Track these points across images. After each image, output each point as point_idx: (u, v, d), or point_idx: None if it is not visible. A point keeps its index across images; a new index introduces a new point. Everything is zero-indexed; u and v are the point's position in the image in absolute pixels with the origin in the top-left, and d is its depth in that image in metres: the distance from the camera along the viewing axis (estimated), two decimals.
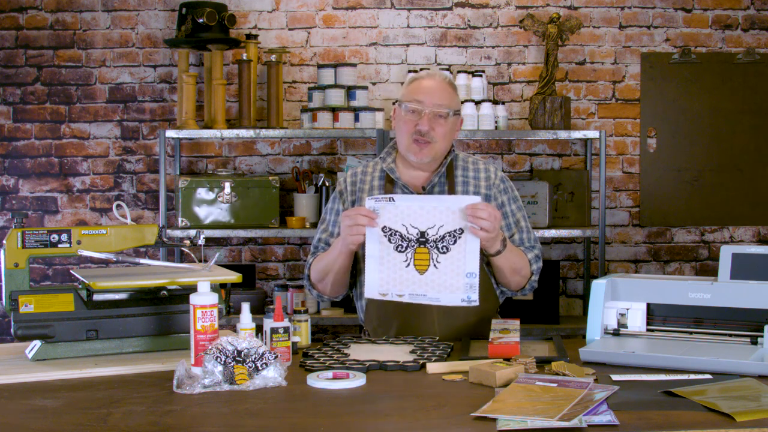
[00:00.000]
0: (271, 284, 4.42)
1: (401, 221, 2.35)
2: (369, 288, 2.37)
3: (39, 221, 4.39)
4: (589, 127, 4.42)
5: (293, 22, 4.40)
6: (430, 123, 2.52)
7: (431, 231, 2.34)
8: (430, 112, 2.52)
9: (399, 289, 2.35)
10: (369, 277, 2.37)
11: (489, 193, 2.61)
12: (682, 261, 4.46)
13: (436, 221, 2.35)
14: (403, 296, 2.35)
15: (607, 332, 2.29)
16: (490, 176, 2.64)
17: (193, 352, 1.98)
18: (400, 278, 2.35)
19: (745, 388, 1.85)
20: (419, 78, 2.59)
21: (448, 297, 2.34)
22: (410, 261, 2.35)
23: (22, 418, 1.73)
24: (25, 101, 4.39)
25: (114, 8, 4.39)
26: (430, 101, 2.53)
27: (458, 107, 2.61)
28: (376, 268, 2.35)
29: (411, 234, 2.35)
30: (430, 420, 1.68)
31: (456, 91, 2.62)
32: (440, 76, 2.61)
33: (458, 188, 2.60)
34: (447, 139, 2.57)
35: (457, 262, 2.34)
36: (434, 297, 2.35)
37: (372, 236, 2.36)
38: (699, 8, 4.43)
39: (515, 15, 4.39)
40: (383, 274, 2.36)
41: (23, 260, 2.18)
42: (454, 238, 2.34)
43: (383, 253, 2.35)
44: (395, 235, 2.35)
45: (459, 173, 2.63)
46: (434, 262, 2.34)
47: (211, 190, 4.03)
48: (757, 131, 4.43)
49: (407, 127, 2.54)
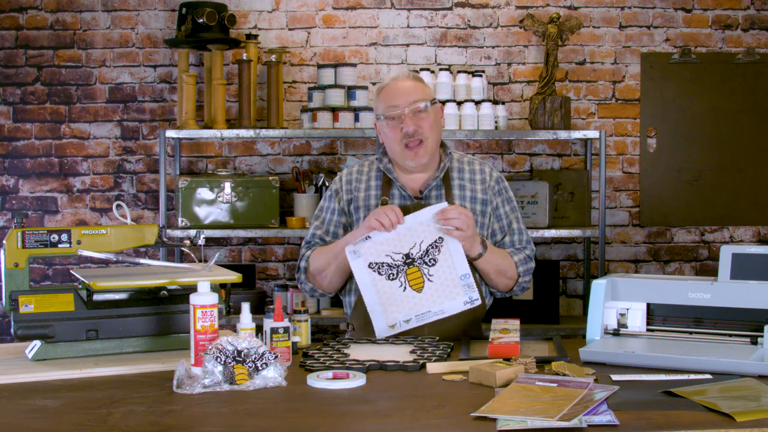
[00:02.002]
0: (271, 284, 4.42)
1: (384, 253, 2.39)
2: (379, 329, 2.42)
3: (39, 221, 4.39)
4: (589, 127, 4.42)
5: (293, 22, 4.40)
6: (414, 121, 2.52)
7: (414, 250, 2.39)
8: (410, 111, 2.53)
9: (404, 316, 2.40)
10: (374, 320, 2.41)
11: (485, 197, 2.62)
12: (682, 261, 4.46)
13: (415, 239, 2.40)
14: (410, 320, 2.40)
15: (607, 332, 2.29)
16: (485, 178, 2.64)
17: (193, 352, 1.98)
18: (401, 305, 2.39)
19: (745, 388, 1.85)
20: (386, 85, 2.60)
21: (452, 305, 2.38)
22: (405, 284, 2.39)
23: (22, 418, 1.73)
24: (25, 101, 4.39)
25: (114, 8, 4.39)
26: (404, 101, 2.53)
27: (432, 96, 2.61)
28: (377, 305, 2.41)
29: (397, 260, 2.40)
30: (430, 420, 1.68)
31: (423, 82, 2.63)
32: (403, 74, 2.63)
33: (455, 192, 2.60)
34: (435, 130, 2.57)
35: (449, 269, 2.38)
36: (438, 310, 2.39)
37: (363, 278, 2.41)
38: (699, 8, 4.43)
39: (515, 15, 4.39)
40: (384, 307, 2.39)
41: (23, 260, 2.18)
42: (437, 248, 2.39)
43: (378, 289, 2.40)
44: (383, 266, 2.40)
45: (455, 175, 2.63)
46: (427, 276, 2.39)
47: (211, 190, 4.03)
48: (757, 131, 4.43)
49: (394, 134, 2.55)
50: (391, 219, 2.37)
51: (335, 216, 2.64)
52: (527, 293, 4.09)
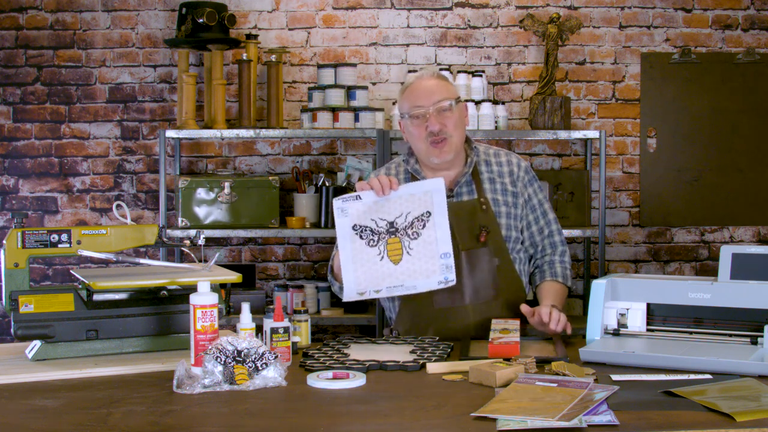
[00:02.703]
0: (271, 284, 4.42)
1: (369, 216, 2.38)
2: (347, 291, 2.39)
3: (39, 221, 4.39)
4: (589, 127, 4.42)
5: (293, 22, 4.40)
6: (439, 120, 2.53)
7: (399, 220, 2.38)
8: (434, 110, 2.53)
9: (376, 285, 2.37)
10: (345, 279, 2.39)
11: (515, 190, 2.64)
12: (682, 261, 4.46)
13: (402, 209, 2.38)
14: (381, 291, 2.37)
15: (607, 332, 2.29)
16: (513, 170, 2.66)
17: (193, 352, 1.98)
18: (375, 273, 2.36)
19: (745, 388, 1.85)
20: (410, 84, 2.60)
21: (425, 282, 2.36)
22: (383, 253, 2.38)
23: (22, 418, 1.73)
24: (25, 101, 4.39)
25: (114, 8, 4.39)
26: (429, 100, 2.54)
27: (457, 95, 2.62)
28: (351, 268, 2.38)
29: (381, 227, 2.38)
30: (430, 420, 1.68)
31: (448, 81, 2.63)
32: (428, 72, 2.63)
33: (485, 186, 2.61)
34: (459, 129, 2.58)
35: (430, 246, 2.36)
36: (411, 285, 2.37)
37: (344, 237, 2.39)
38: (699, 8, 4.43)
39: (515, 15, 4.39)
40: (358, 273, 2.37)
41: (23, 260, 2.18)
42: (423, 223, 2.37)
43: (356, 252, 2.38)
44: (366, 230, 2.38)
45: (483, 169, 2.65)
46: (407, 249, 2.37)
47: (211, 190, 4.03)
48: (757, 131, 4.43)
49: (419, 133, 2.56)
50: (383, 183, 2.38)
51: None
52: None
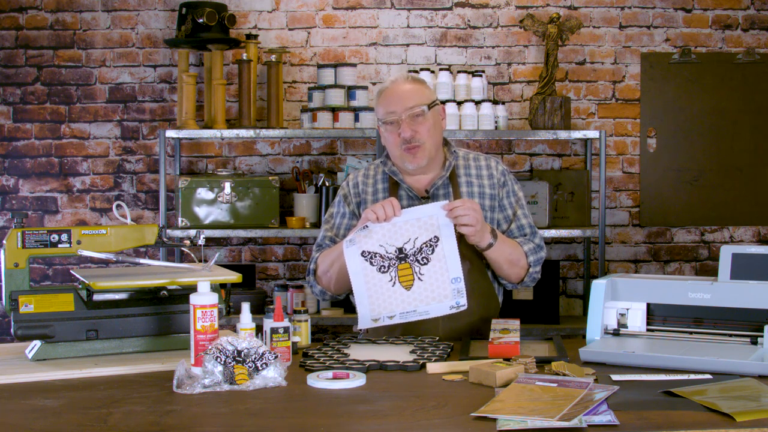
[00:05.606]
0: (271, 284, 4.42)
1: (378, 243, 2.39)
2: (361, 318, 2.41)
3: (39, 221, 4.39)
4: (589, 127, 4.42)
5: (293, 22, 4.40)
6: (411, 126, 2.51)
7: (408, 245, 2.38)
8: (407, 116, 2.51)
9: (389, 311, 2.38)
10: (359, 306, 2.40)
11: (493, 192, 2.62)
12: (682, 261, 4.46)
13: (410, 235, 2.39)
14: (394, 317, 2.39)
15: (607, 332, 2.29)
16: (492, 173, 2.65)
17: (193, 352, 1.98)
18: (388, 300, 2.38)
19: (745, 388, 1.85)
20: (385, 89, 2.58)
21: (437, 307, 2.37)
22: (395, 279, 2.38)
23: (22, 418, 1.73)
24: (25, 101, 4.39)
25: (114, 8, 4.39)
26: (401, 107, 2.52)
27: (431, 99, 2.58)
28: (365, 295, 2.39)
29: (390, 253, 2.39)
30: (430, 420, 1.68)
31: (423, 84, 2.59)
32: (402, 77, 2.60)
33: (462, 189, 2.60)
34: (433, 134, 2.56)
35: (440, 270, 2.37)
36: (424, 311, 2.38)
37: (354, 265, 2.39)
38: (699, 8, 4.43)
39: (515, 15, 4.39)
40: (371, 299, 2.38)
41: (23, 260, 2.18)
42: (431, 248, 2.37)
43: (368, 279, 2.39)
44: (375, 257, 2.39)
45: (462, 172, 2.64)
46: (417, 275, 2.38)
47: (211, 190, 4.03)
48: (757, 131, 4.43)
49: (393, 139, 2.55)
50: (386, 211, 2.37)
51: (346, 219, 2.65)
52: (527, 293, 4.09)
